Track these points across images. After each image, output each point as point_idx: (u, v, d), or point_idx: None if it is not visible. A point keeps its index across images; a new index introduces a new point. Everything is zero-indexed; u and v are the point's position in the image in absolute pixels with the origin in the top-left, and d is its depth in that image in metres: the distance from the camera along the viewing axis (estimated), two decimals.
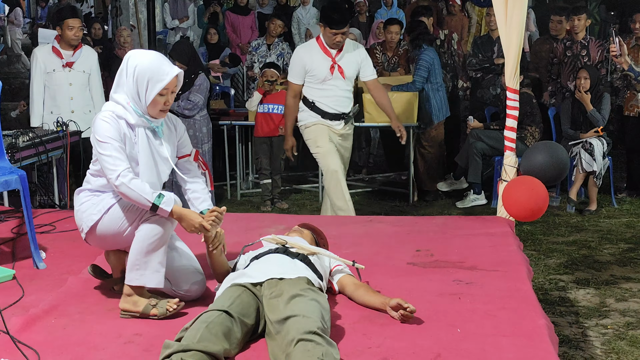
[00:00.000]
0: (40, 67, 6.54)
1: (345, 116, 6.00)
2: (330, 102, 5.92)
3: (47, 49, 6.64)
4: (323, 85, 5.90)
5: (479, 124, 7.73)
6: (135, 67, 3.49)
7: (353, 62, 5.91)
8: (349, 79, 5.95)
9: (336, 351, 2.85)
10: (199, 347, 2.83)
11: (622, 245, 6.35)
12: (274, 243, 3.68)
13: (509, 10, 4.91)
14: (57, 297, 3.69)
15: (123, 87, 3.54)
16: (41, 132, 6.05)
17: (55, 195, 6.35)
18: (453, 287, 3.77)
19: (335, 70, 5.83)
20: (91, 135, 3.54)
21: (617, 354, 4.34)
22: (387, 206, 7.59)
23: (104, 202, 3.55)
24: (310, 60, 5.87)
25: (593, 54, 7.77)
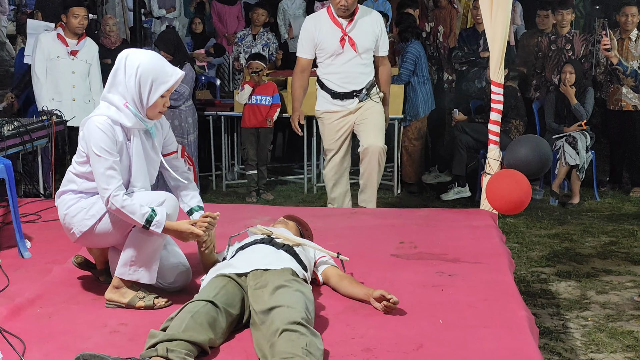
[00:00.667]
0: (44, 53, 6.58)
1: (357, 94, 5.46)
2: (340, 79, 5.45)
3: (53, 35, 6.71)
4: (334, 60, 5.42)
5: (464, 116, 7.78)
6: (138, 68, 3.39)
7: (368, 32, 5.39)
8: (364, 52, 5.42)
9: (320, 341, 2.87)
10: (184, 336, 2.85)
11: (604, 238, 6.41)
12: (260, 234, 3.69)
13: (494, 3, 4.93)
14: (42, 286, 3.69)
15: (119, 87, 3.44)
16: (26, 121, 6.04)
17: (40, 185, 6.32)
18: (436, 279, 3.80)
19: (346, 42, 5.31)
20: (82, 137, 3.43)
21: (596, 346, 4.40)
22: None
23: (96, 207, 3.47)
24: (319, 31, 5.38)
25: (577, 48, 7.83)
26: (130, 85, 3.41)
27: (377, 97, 5.56)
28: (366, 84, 5.46)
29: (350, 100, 5.47)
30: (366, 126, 5.45)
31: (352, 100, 5.47)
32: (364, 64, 5.46)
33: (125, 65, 3.43)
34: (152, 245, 3.46)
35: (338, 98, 5.48)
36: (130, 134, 3.46)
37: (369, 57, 5.47)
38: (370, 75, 5.51)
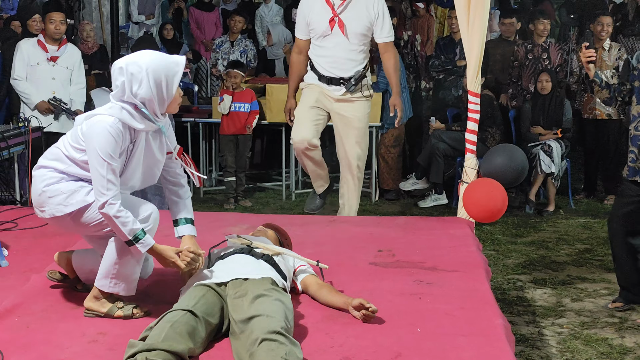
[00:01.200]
0: (24, 59, 6.55)
1: (344, 82, 5.10)
2: (326, 62, 5.12)
3: (33, 42, 6.70)
4: (322, 42, 5.10)
5: (441, 124, 7.82)
6: (147, 71, 3.31)
7: (361, 16, 5.01)
8: (354, 37, 5.04)
9: (299, 350, 2.88)
10: (163, 346, 2.85)
11: (579, 245, 6.46)
12: (239, 243, 3.69)
13: (471, 14, 4.96)
14: (20, 295, 3.66)
15: (127, 94, 3.33)
16: (2, 128, 6.00)
17: (17, 192, 6.28)
18: (414, 287, 3.81)
19: (336, 24, 4.97)
20: (87, 134, 3.32)
21: (572, 353, 4.44)
22: None
23: (77, 197, 3.38)
24: (310, 10, 5.09)
25: (553, 57, 7.91)
26: (145, 90, 3.32)
27: (368, 92, 5.26)
28: (354, 73, 5.12)
29: (337, 87, 5.16)
30: (349, 135, 5.25)
31: (338, 87, 5.15)
32: (354, 51, 5.10)
33: (131, 74, 3.32)
34: (134, 261, 3.44)
35: (324, 82, 5.16)
36: (137, 137, 3.40)
37: (360, 43, 5.11)
38: (361, 65, 5.15)
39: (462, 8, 4.97)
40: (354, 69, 5.08)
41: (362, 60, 5.13)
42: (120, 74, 3.34)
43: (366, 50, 5.14)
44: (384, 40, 5.16)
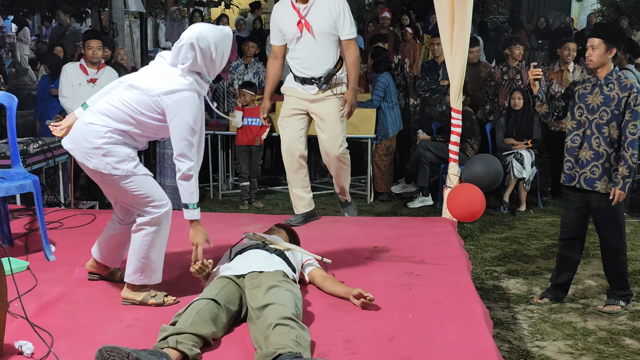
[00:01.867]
0: (68, 79, 6.59)
1: (315, 81, 4.78)
2: (299, 64, 4.81)
3: (76, 65, 6.73)
4: (295, 46, 4.79)
5: (427, 136, 7.84)
6: (220, 42, 3.35)
7: (325, 16, 4.69)
8: (320, 37, 4.71)
9: (307, 333, 2.91)
10: (190, 330, 2.88)
11: (547, 241, 6.49)
12: (255, 240, 3.72)
13: (454, 42, 4.99)
14: (66, 286, 3.69)
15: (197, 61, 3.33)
16: (48, 140, 6.04)
17: (61, 195, 6.32)
18: (405, 279, 3.83)
19: (303, 27, 4.69)
20: (175, 107, 3.30)
21: (541, 334, 4.47)
22: None
23: (127, 166, 3.36)
24: (280, 17, 4.82)
25: (525, 78, 7.92)
26: (212, 59, 3.36)
27: (341, 89, 4.89)
28: (324, 72, 4.77)
29: (310, 86, 4.81)
30: (325, 132, 4.90)
31: (311, 86, 4.81)
32: (323, 50, 4.75)
33: (201, 48, 3.31)
34: (158, 252, 3.47)
35: (299, 82, 4.84)
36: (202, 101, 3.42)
37: (328, 41, 4.76)
38: (330, 63, 4.79)
39: (446, 37, 5.01)
40: (324, 68, 4.75)
41: (331, 59, 4.78)
42: (191, 48, 3.32)
43: (335, 50, 4.80)
44: (346, 37, 4.77)
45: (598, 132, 4.58)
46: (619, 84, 4.55)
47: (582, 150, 4.66)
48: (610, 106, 4.54)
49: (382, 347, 2.98)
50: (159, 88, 3.34)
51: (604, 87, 4.58)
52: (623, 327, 4.62)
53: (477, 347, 2.99)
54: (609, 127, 4.55)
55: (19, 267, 3.89)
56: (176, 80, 3.34)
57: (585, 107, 4.64)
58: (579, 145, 4.67)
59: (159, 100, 3.33)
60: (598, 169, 4.60)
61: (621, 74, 4.66)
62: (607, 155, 4.57)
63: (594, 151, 4.60)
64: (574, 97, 4.73)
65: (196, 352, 2.85)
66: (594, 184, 4.62)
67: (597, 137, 4.58)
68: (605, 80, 4.58)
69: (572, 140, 4.72)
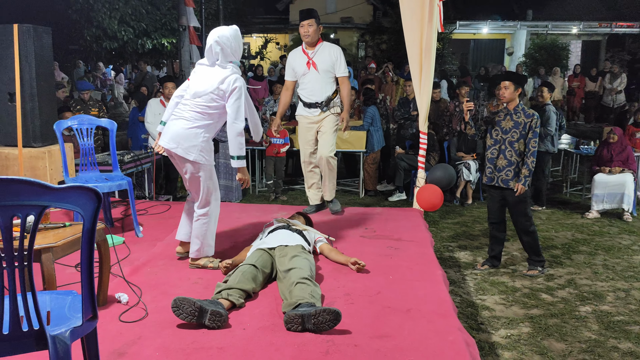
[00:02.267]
0: (152, 111, 6.60)
1: (318, 105, 4.62)
2: (307, 92, 4.66)
3: (157, 100, 6.69)
4: (303, 79, 4.65)
5: (402, 150, 7.83)
6: (233, 35, 3.33)
7: (327, 59, 4.57)
8: (323, 72, 4.58)
9: (319, 289, 2.93)
10: (238, 286, 2.91)
11: (486, 224, 6.35)
12: (282, 222, 3.74)
13: (422, 83, 5.01)
14: (150, 255, 3.73)
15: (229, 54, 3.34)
16: (139, 153, 6.08)
17: (146, 191, 6.36)
18: (387, 251, 3.85)
19: (311, 65, 4.57)
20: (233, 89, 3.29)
21: (482, 291, 4.47)
22: (346, 199, 7.61)
23: (210, 158, 3.38)
24: (294, 60, 4.70)
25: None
26: (235, 47, 3.35)
27: (336, 110, 4.71)
28: (325, 98, 4.63)
29: (315, 110, 4.66)
30: (321, 139, 4.75)
31: (315, 109, 4.66)
32: (325, 82, 4.61)
33: (224, 43, 3.31)
34: (211, 234, 3.47)
35: (307, 107, 4.69)
36: None
37: (328, 76, 4.61)
38: (329, 92, 4.64)
39: (416, 79, 5.02)
40: (325, 95, 4.62)
41: (330, 89, 4.64)
42: (217, 44, 3.30)
43: (332, 83, 4.66)
44: (340, 75, 4.63)
45: (510, 147, 4.62)
46: (524, 113, 4.61)
47: (499, 159, 4.69)
48: (519, 128, 4.59)
49: (371, 299, 3.00)
50: (214, 84, 3.32)
51: (514, 115, 4.63)
52: (540, 285, 4.61)
53: (438, 299, 3.01)
54: (518, 143, 4.60)
55: (117, 242, 3.96)
56: (221, 72, 3.34)
57: (500, 129, 4.69)
58: (496, 156, 4.70)
59: (218, 91, 3.32)
60: (511, 172, 4.64)
61: (524, 106, 4.69)
62: (517, 163, 4.62)
63: (508, 160, 4.64)
64: (491, 123, 4.76)
65: (241, 302, 2.87)
66: (509, 183, 4.66)
67: (510, 150, 4.62)
68: (514, 111, 4.63)
69: (491, 153, 4.74)
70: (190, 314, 2.62)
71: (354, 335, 2.58)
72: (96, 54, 12.35)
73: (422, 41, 4.87)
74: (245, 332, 2.62)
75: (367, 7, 21.34)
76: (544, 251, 5.32)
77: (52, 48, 4.91)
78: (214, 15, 12.81)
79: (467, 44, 21.73)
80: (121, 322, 2.71)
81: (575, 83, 14.42)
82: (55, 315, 1.73)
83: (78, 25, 11.16)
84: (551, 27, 19.03)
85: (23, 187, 1.39)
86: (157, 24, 11.71)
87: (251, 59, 19.31)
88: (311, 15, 4.53)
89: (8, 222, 1.43)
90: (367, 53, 19.98)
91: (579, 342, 3.64)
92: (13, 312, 1.52)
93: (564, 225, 6.47)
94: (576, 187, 8.31)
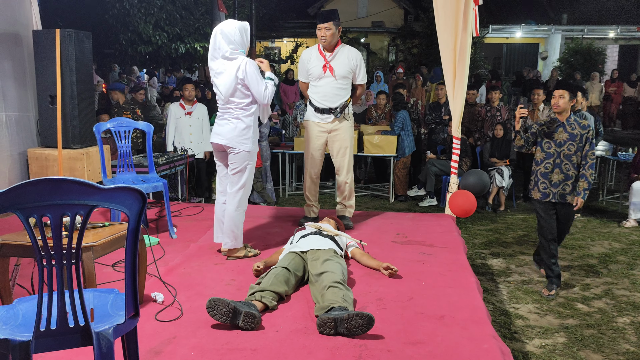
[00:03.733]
0: (173, 115, 6.61)
1: (332, 110, 4.37)
2: (320, 97, 4.39)
3: (176, 104, 6.69)
4: (317, 82, 4.39)
5: (434, 155, 7.79)
6: (236, 27, 3.52)
7: (345, 64, 4.34)
8: (340, 78, 4.35)
9: (351, 293, 2.93)
10: (270, 288, 2.93)
11: (520, 232, 6.37)
12: (314, 228, 3.75)
13: (455, 88, 4.97)
14: (184, 256, 3.77)
15: (237, 44, 3.51)
16: (172, 155, 6.17)
17: (179, 193, 6.45)
18: (419, 257, 3.83)
19: (327, 69, 4.34)
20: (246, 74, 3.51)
21: (516, 299, 4.40)
22: (376, 204, 7.61)
23: (254, 152, 3.62)
24: (309, 60, 4.43)
25: (503, 114, 7.82)
26: (237, 39, 3.51)
27: (349, 117, 4.49)
28: (339, 104, 4.37)
29: (327, 116, 4.40)
30: (341, 160, 4.51)
31: (329, 115, 4.39)
32: (340, 87, 4.37)
33: (229, 32, 3.50)
34: (240, 227, 3.63)
35: (319, 112, 4.42)
36: None
37: (345, 82, 4.38)
38: (344, 98, 4.40)
39: (449, 83, 4.98)
40: (339, 101, 4.37)
41: (345, 95, 4.41)
42: (221, 36, 3.51)
43: (348, 88, 4.43)
44: (359, 82, 4.46)
45: (567, 160, 4.40)
46: (578, 124, 4.39)
47: (554, 174, 4.45)
48: (575, 140, 4.38)
49: (403, 304, 2.99)
50: (231, 75, 3.52)
51: (567, 127, 4.40)
52: (576, 295, 4.51)
53: (471, 306, 2.98)
54: (575, 156, 4.39)
55: (153, 242, 4.01)
56: (232, 63, 3.53)
57: (553, 142, 4.44)
58: (551, 170, 4.46)
59: (237, 80, 3.52)
60: (569, 186, 4.42)
61: (577, 117, 4.51)
62: (575, 176, 4.42)
63: (565, 174, 4.42)
64: (541, 136, 4.53)
65: (274, 304, 2.89)
66: (566, 198, 4.44)
67: (567, 164, 4.40)
68: (567, 122, 4.41)
69: (545, 167, 4.48)
70: (225, 315, 2.65)
71: (386, 341, 2.57)
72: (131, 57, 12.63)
73: (456, 45, 4.84)
74: (278, 334, 2.64)
75: (398, 11, 21.27)
76: (580, 260, 5.19)
77: (91, 52, 5.05)
78: (246, 19, 12.97)
79: (500, 48, 21.44)
80: (157, 321, 2.76)
81: (613, 88, 14.08)
82: (98, 312, 1.78)
83: (114, 30, 11.45)
84: (587, 31, 18.63)
85: (73, 187, 1.44)
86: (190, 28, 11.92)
87: (282, 63, 19.44)
88: (329, 17, 4.26)
89: (58, 221, 1.49)
90: (398, 57, 19.92)
91: (617, 354, 3.55)
92: (61, 309, 1.58)
93: (600, 234, 6.32)
94: (613, 194, 8.12)
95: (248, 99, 3.57)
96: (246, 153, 3.59)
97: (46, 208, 1.44)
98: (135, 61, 13.28)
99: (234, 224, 3.55)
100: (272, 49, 21.94)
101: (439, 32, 4.95)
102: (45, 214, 1.46)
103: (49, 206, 1.44)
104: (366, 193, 8.34)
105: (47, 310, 1.56)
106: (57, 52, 4.76)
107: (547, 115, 7.40)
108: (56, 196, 1.44)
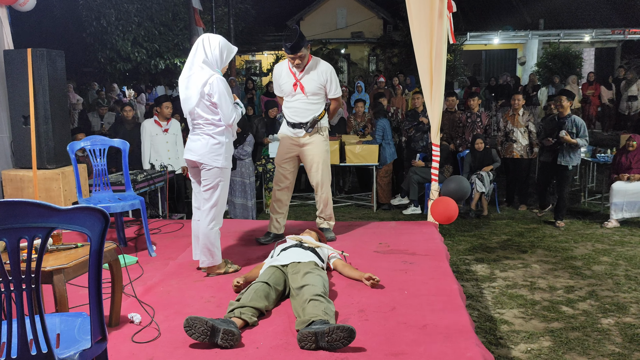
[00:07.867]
0: (147, 132, 6.53)
1: (303, 125, 4.35)
2: (292, 113, 4.37)
3: (151, 121, 6.57)
4: (290, 99, 4.38)
5: (422, 163, 7.78)
6: (219, 43, 3.47)
7: (315, 80, 4.29)
8: (311, 95, 4.32)
9: (332, 306, 2.90)
10: (250, 304, 2.89)
11: (503, 236, 6.38)
12: (294, 240, 3.72)
13: (433, 95, 4.96)
14: (163, 274, 3.72)
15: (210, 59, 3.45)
16: (151, 172, 6.10)
17: (160, 210, 6.38)
18: (402, 265, 3.80)
19: (298, 87, 4.31)
20: (213, 90, 3.41)
21: (501, 304, 4.39)
22: (360, 213, 7.60)
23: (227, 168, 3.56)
24: (280, 76, 4.41)
25: (484, 120, 7.87)
26: (216, 54, 3.46)
27: (323, 130, 4.44)
28: (310, 119, 4.33)
29: (299, 130, 4.37)
30: (316, 173, 4.45)
31: (300, 130, 4.37)
32: (311, 103, 4.34)
33: (210, 44, 3.47)
34: (217, 244, 3.58)
35: (291, 126, 4.40)
36: None
37: (316, 98, 4.35)
38: (316, 113, 4.35)
39: (426, 91, 4.97)
40: (310, 116, 4.33)
41: (317, 109, 4.36)
42: (206, 45, 3.46)
43: (320, 102, 4.39)
44: (333, 96, 4.41)
45: None
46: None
47: None
48: None
49: (386, 315, 2.96)
50: (197, 85, 3.43)
51: None
52: (560, 298, 4.51)
53: (454, 314, 2.95)
54: None
55: (130, 261, 3.94)
56: (201, 73, 3.44)
57: None
58: None
59: (201, 92, 3.43)
60: None
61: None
62: None
63: None
64: None
65: (254, 320, 2.84)
66: None
67: None
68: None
69: None
70: (203, 334, 2.60)
71: (368, 353, 2.53)
72: (110, 75, 12.56)
73: (432, 53, 4.84)
74: (258, 351, 2.58)
75: (377, 22, 21.44)
76: (564, 262, 5.20)
77: (65, 71, 4.98)
78: (224, 34, 12.97)
79: (479, 54, 21.69)
80: (134, 343, 2.70)
81: (590, 91, 14.28)
82: (64, 337, 1.72)
83: (92, 48, 11.37)
84: (563, 35, 18.92)
85: (29, 209, 1.39)
86: (169, 44, 11.89)
87: (263, 76, 19.46)
88: (299, 46, 4.15)
89: (15, 245, 1.43)
90: (379, 67, 20.05)
91: (602, 355, 3.54)
92: (21, 336, 1.52)
93: (583, 235, 6.35)
94: (594, 196, 8.18)
95: (215, 115, 3.48)
96: (218, 169, 3.52)
97: (1, 232, 1.38)
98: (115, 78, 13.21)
99: (209, 241, 3.50)
100: (253, 62, 21.97)
101: (414, 40, 4.96)
102: (1, 239, 1.41)
103: (4, 230, 1.39)
104: (350, 203, 8.32)
105: (7, 337, 1.50)
106: (29, 72, 4.69)
107: (527, 118, 7.48)
108: (12, 219, 1.38)
